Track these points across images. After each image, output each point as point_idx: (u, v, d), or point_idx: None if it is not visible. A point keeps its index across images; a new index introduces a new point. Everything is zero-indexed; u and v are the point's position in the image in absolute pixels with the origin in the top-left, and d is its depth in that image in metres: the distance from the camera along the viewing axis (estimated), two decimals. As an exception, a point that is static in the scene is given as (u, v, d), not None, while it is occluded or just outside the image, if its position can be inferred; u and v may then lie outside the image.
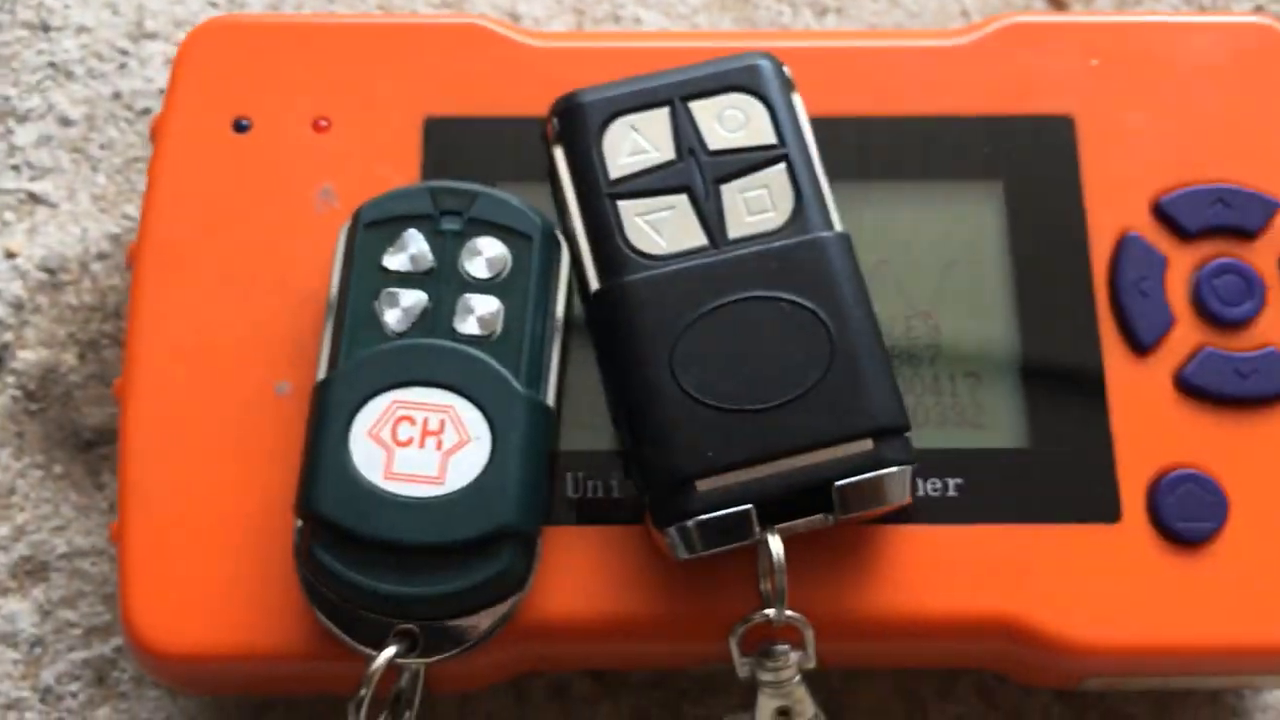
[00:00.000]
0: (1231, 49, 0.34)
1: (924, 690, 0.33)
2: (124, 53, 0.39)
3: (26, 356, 0.35)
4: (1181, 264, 0.32)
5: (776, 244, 0.29)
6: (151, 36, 0.39)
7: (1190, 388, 0.31)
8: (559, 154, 0.30)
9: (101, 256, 0.36)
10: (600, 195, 0.29)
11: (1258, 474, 0.30)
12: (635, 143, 0.30)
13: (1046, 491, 0.30)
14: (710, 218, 0.29)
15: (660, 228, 0.29)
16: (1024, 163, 0.33)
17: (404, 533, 0.27)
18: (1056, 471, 0.30)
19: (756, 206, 0.29)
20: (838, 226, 0.29)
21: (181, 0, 0.39)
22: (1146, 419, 0.31)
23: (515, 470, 0.27)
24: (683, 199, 0.29)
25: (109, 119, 0.38)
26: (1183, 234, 0.32)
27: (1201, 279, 0.32)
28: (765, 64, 0.30)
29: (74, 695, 0.33)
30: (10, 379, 0.35)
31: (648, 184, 0.29)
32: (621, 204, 0.29)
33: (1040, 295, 0.32)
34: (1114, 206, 0.32)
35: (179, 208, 0.31)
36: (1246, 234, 0.32)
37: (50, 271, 0.36)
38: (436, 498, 0.27)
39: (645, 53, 0.33)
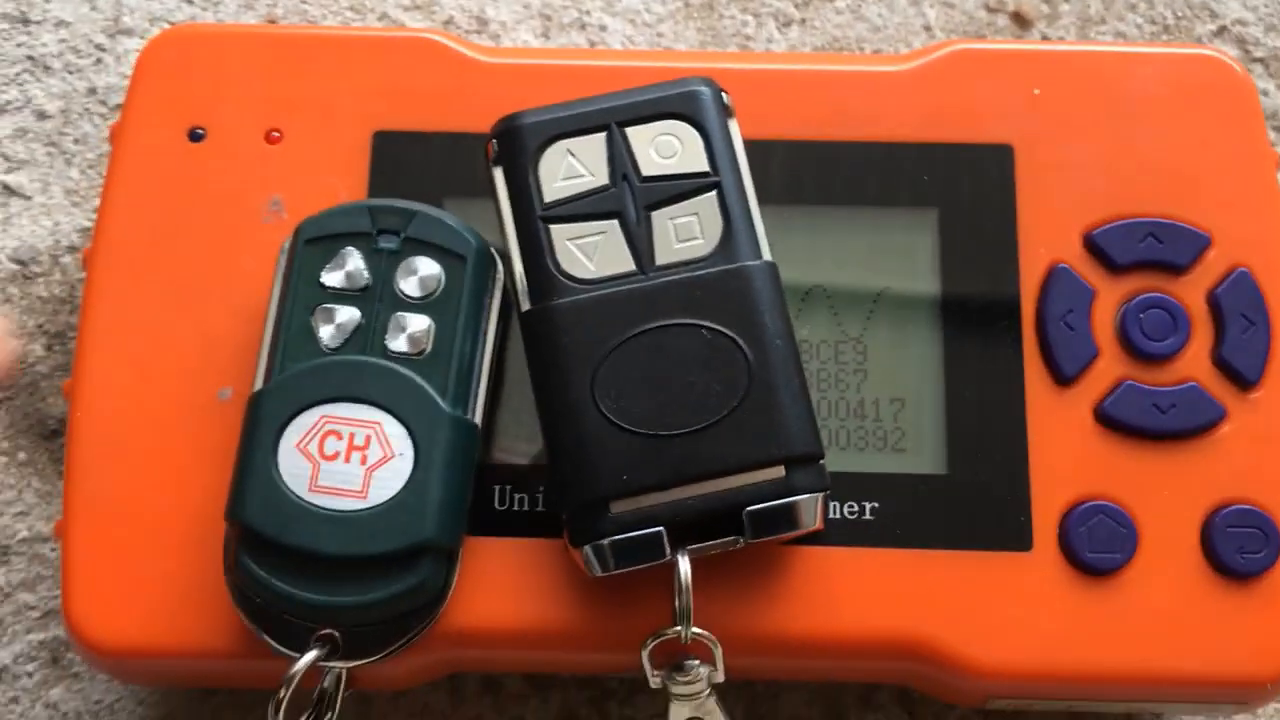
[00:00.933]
0: (1179, 81, 0.34)
1: (846, 699, 0.34)
2: (100, 48, 0.40)
3: (-5, 345, 0.37)
4: (1109, 297, 0.32)
5: (702, 271, 0.29)
6: (128, 33, 0.40)
7: (1108, 420, 0.31)
8: (497, 175, 0.31)
9: (72, 250, 0.38)
10: (534, 218, 0.30)
11: (1169, 508, 0.31)
12: (571, 167, 0.30)
13: (961, 518, 0.31)
14: (640, 244, 0.30)
15: (590, 252, 0.30)
16: (960, 191, 0.33)
17: (325, 544, 0.28)
18: (972, 498, 0.31)
19: (685, 234, 0.30)
20: (765, 255, 0.30)
21: (158, -3, 0.40)
22: (1064, 450, 0.31)
23: (436, 487, 0.28)
24: (614, 224, 0.30)
25: (84, 114, 0.39)
26: (1112, 267, 0.33)
27: (1127, 313, 0.32)
28: (704, 90, 0.31)
29: (30, 675, 0.34)
30: (-21, 366, 0.37)
31: (580, 209, 0.30)
32: (554, 228, 0.30)
33: (968, 324, 0.32)
34: (1046, 237, 0.33)
35: (133, 214, 0.32)
36: (1176, 269, 0.33)
37: (21, 263, 0.37)
38: (358, 511, 0.28)
39: (595, 71, 0.34)
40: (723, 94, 0.31)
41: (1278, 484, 0.31)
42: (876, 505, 0.31)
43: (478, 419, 0.30)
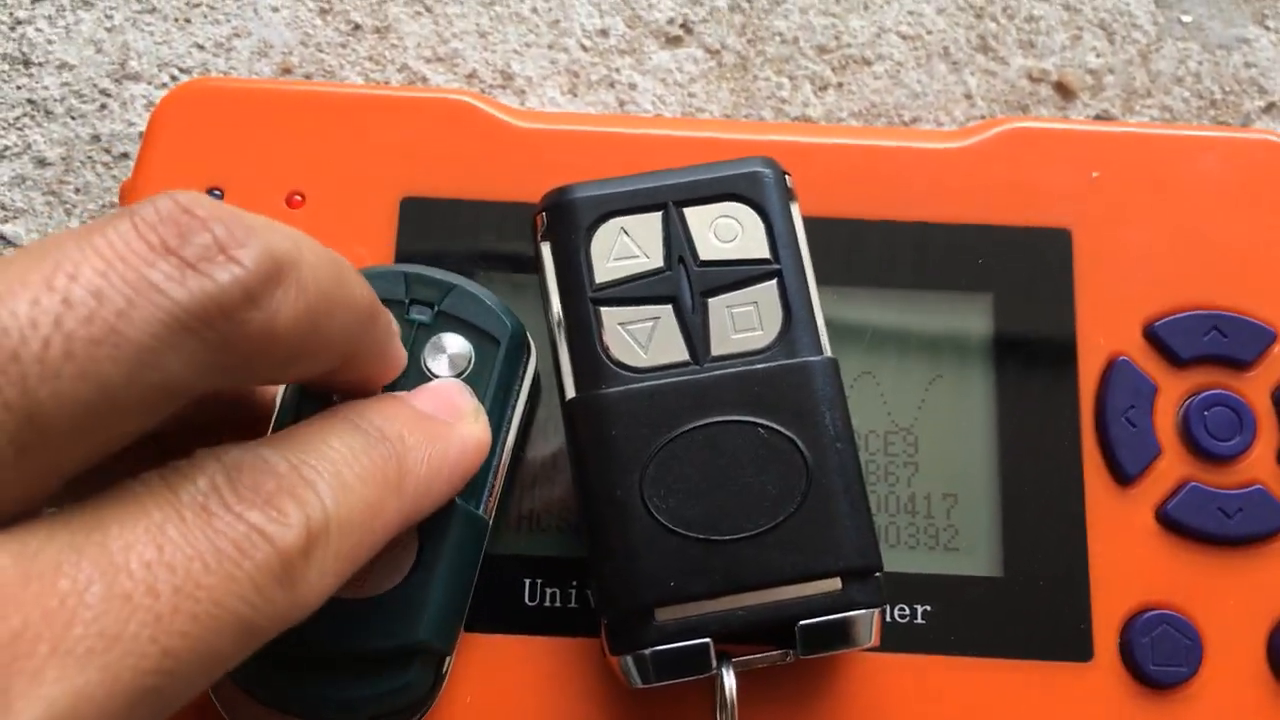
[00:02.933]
0: (1239, 166, 0.33)
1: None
2: (105, 94, 0.38)
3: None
4: (1172, 392, 0.31)
5: (760, 365, 0.27)
6: (134, 78, 0.38)
7: (1172, 523, 0.30)
8: (546, 250, 0.29)
9: (69, 306, 0.35)
10: (584, 299, 0.28)
11: (1234, 619, 0.30)
12: (625, 246, 0.28)
13: (1017, 624, 0.30)
14: (694, 332, 0.28)
15: (642, 339, 0.28)
16: (1017, 276, 0.32)
17: (316, 636, 0.26)
18: (1029, 604, 0.30)
19: (743, 324, 0.28)
20: (826, 350, 0.28)
21: (168, 41, 0.38)
22: (1125, 554, 0.30)
23: (437, 586, 0.27)
24: (668, 310, 0.28)
25: (86, 162, 0.37)
26: (1175, 361, 0.31)
27: (1191, 410, 0.31)
28: (767, 173, 0.29)
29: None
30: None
31: (633, 291, 0.28)
32: (604, 310, 0.28)
33: (1025, 416, 0.31)
34: (1106, 327, 0.32)
35: (146, 281, 0.30)
36: (1240, 364, 0.31)
37: (16, 319, 0.35)
38: (355, 601, 0.26)
39: (635, 139, 0.33)
40: (786, 176, 0.29)
41: (1347, 595, 0.30)
42: (929, 609, 0.30)
43: (490, 515, 0.28)
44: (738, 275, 0.28)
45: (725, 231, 0.28)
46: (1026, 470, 0.31)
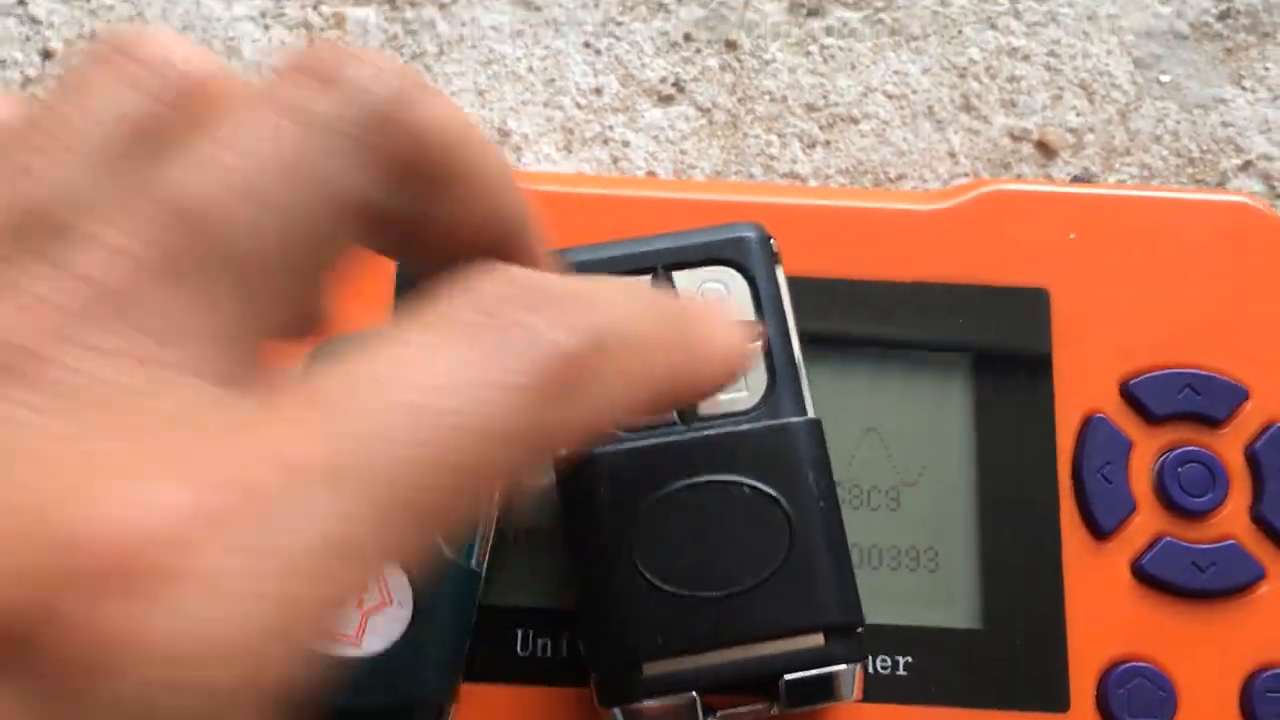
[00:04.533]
0: (1213, 228, 0.34)
1: None
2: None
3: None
4: (1146, 449, 0.32)
5: (746, 426, 0.28)
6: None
7: (1147, 577, 0.31)
8: (534, 313, 0.30)
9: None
10: (573, 360, 0.29)
11: (1208, 671, 0.30)
12: (612, 309, 0.29)
13: (996, 675, 0.30)
14: (681, 393, 0.29)
15: (629, 399, 0.29)
16: (996, 335, 0.33)
17: (321, 693, 0.27)
18: (1008, 655, 0.30)
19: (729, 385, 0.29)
20: (810, 411, 0.29)
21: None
22: (1102, 607, 0.31)
23: (434, 641, 0.27)
24: (655, 371, 0.29)
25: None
26: (1150, 418, 0.32)
27: (1165, 466, 0.32)
28: (752, 237, 0.30)
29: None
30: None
31: (620, 353, 0.29)
32: (593, 371, 0.29)
33: (1003, 472, 0.32)
34: (1083, 385, 0.32)
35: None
36: (1213, 422, 0.32)
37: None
38: (350, 658, 0.27)
39: (629, 201, 0.34)
40: (771, 240, 0.30)
41: (1318, 649, 0.31)
42: (910, 660, 0.30)
43: (481, 567, 0.29)
44: None
45: (712, 295, 0.29)
46: (1005, 524, 0.31)
